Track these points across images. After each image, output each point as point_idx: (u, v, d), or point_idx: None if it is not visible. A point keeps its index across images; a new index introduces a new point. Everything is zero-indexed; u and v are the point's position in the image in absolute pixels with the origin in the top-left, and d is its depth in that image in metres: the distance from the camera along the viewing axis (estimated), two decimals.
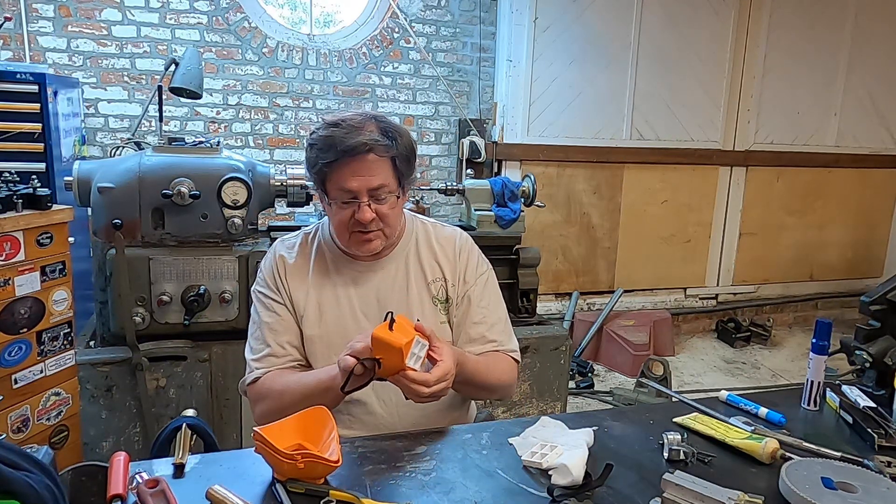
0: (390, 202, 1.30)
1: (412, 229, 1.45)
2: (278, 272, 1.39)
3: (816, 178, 4.76)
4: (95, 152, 3.43)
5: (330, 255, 1.41)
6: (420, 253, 1.43)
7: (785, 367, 4.11)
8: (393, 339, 1.10)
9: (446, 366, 1.16)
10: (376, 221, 1.30)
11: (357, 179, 1.26)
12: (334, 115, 1.32)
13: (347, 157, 1.25)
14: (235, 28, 3.60)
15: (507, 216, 2.71)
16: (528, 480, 1.09)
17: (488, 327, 1.43)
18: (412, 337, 1.13)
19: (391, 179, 1.29)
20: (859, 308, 1.59)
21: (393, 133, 1.29)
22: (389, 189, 1.29)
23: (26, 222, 1.70)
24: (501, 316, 1.47)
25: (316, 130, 1.30)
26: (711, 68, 4.32)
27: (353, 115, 1.30)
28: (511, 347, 1.45)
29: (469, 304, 1.42)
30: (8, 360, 1.70)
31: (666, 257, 4.52)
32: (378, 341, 1.11)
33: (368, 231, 1.31)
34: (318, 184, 1.32)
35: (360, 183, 1.26)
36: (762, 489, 1.06)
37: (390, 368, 1.13)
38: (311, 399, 1.20)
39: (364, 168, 1.26)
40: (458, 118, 4.07)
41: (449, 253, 1.44)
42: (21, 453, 0.83)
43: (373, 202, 1.28)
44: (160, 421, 2.16)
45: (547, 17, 3.93)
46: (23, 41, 3.27)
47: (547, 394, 2.67)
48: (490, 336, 1.43)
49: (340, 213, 1.30)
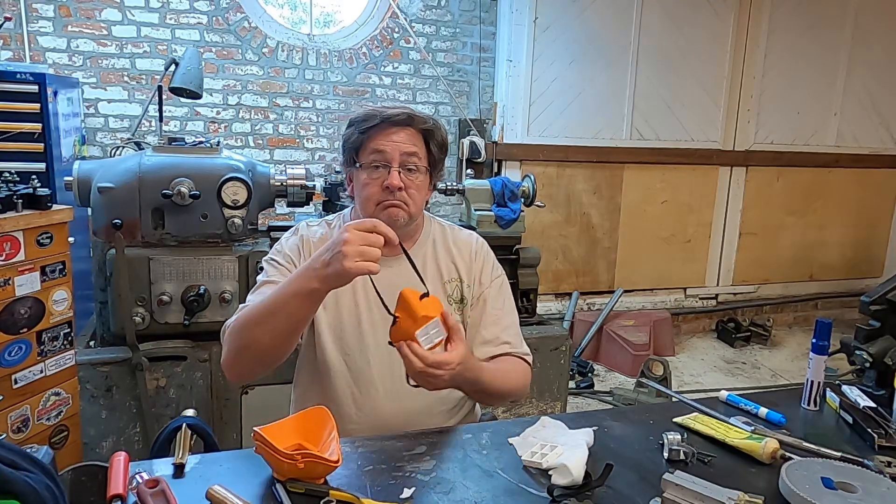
0: (418, 178, 1.34)
1: (429, 230, 1.47)
2: (299, 250, 1.39)
3: (816, 178, 4.77)
4: (95, 152, 3.44)
5: None
6: (437, 252, 1.45)
7: (785, 367, 4.11)
8: (416, 306, 1.11)
9: (450, 357, 1.15)
10: (403, 193, 1.32)
11: (392, 143, 1.32)
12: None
13: (387, 123, 1.32)
14: (235, 28, 3.60)
15: (507, 216, 2.71)
16: (528, 480, 1.08)
17: (502, 329, 1.44)
18: (434, 317, 1.13)
19: (423, 154, 1.35)
20: (859, 308, 1.59)
21: (431, 120, 1.38)
22: (420, 159, 1.34)
23: (26, 222, 1.70)
24: (514, 320, 1.48)
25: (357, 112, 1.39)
26: (711, 68, 4.32)
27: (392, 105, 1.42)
28: (524, 351, 1.46)
29: (484, 306, 1.44)
30: (8, 360, 1.70)
31: (666, 257, 4.52)
32: (403, 300, 1.12)
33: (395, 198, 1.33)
34: (352, 153, 1.36)
35: (394, 147, 1.32)
36: (762, 489, 1.06)
37: (400, 332, 1.12)
38: (281, 312, 1.16)
39: (401, 135, 1.33)
40: (458, 118, 4.07)
41: (465, 255, 1.46)
42: (21, 453, 0.83)
43: (402, 171, 1.32)
44: (160, 421, 2.16)
45: (547, 17, 3.93)
46: (23, 41, 3.27)
47: (547, 394, 2.67)
48: (504, 338, 1.43)
49: (370, 181, 1.33)
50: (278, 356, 1.25)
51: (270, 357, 1.24)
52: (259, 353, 1.23)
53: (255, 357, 1.24)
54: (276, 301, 1.18)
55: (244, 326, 1.23)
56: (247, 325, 1.22)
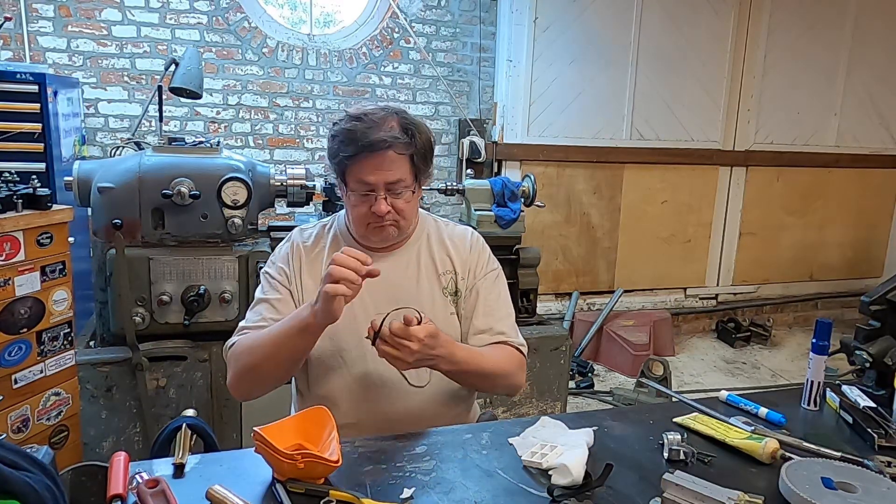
0: (406, 196, 1.35)
1: (424, 226, 1.49)
2: (291, 259, 1.43)
3: (816, 178, 4.77)
4: (95, 152, 3.43)
5: (344, 245, 1.42)
6: (432, 247, 1.46)
7: (785, 367, 4.11)
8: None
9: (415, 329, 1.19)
10: (392, 214, 1.35)
11: (375, 174, 1.31)
12: (357, 107, 1.36)
13: (367, 151, 1.29)
14: (235, 28, 3.60)
15: (507, 216, 2.70)
16: (528, 480, 1.09)
17: (497, 320, 1.44)
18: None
19: (408, 175, 1.34)
20: (859, 308, 1.60)
21: (412, 130, 1.33)
22: (406, 184, 1.34)
23: (26, 222, 1.70)
24: (510, 312, 1.49)
25: (339, 122, 1.34)
26: (711, 68, 4.32)
27: (376, 109, 1.34)
28: (520, 342, 1.46)
29: (478, 297, 1.45)
30: (8, 360, 1.70)
31: (666, 257, 4.52)
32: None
33: (384, 222, 1.35)
34: (339, 174, 1.37)
35: (377, 177, 1.31)
36: (762, 489, 1.06)
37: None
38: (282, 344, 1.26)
39: (383, 163, 1.30)
40: (458, 118, 4.07)
41: (460, 248, 1.47)
42: (21, 453, 0.83)
43: (389, 196, 1.33)
44: (160, 421, 2.16)
45: (547, 17, 3.93)
46: (23, 41, 3.27)
47: (547, 394, 2.67)
48: (498, 328, 1.43)
49: (359, 204, 1.35)
50: (281, 380, 1.36)
51: (274, 380, 1.34)
52: (262, 378, 1.32)
53: (257, 381, 1.33)
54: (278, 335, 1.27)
55: (247, 353, 1.31)
56: (249, 353, 1.31)
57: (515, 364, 1.43)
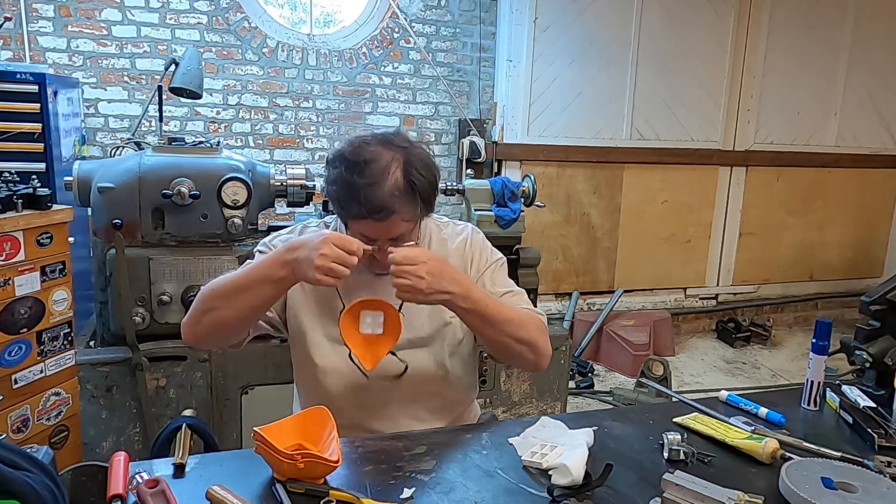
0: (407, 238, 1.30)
1: (426, 231, 1.46)
2: None
3: (816, 178, 4.76)
4: (95, 152, 3.43)
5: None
6: (432, 247, 1.44)
7: (785, 367, 4.11)
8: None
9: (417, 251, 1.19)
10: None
11: (378, 233, 1.26)
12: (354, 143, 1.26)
13: (370, 218, 1.22)
14: (235, 28, 3.60)
15: (507, 216, 2.70)
16: (528, 480, 1.09)
17: (511, 296, 1.40)
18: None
19: (412, 222, 1.29)
20: (859, 308, 1.60)
21: (419, 180, 1.24)
22: (408, 233, 1.29)
23: (26, 222, 1.70)
24: (521, 290, 1.44)
25: (336, 164, 1.25)
26: (711, 68, 4.32)
27: (376, 152, 1.23)
28: (540, 311, 1.41)
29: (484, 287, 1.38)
30: (8, 360, 1.70)
31: (666, 257, 4.52)
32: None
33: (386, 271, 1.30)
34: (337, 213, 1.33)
35: (381, 235, 1.26)
36: (762, 489, 1.06)
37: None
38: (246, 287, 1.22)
39: (387, 226, 1.25)
40: (458, 118, 4.07)
41: (459, 244, 1.45)
42: (21, 453, 0.83)
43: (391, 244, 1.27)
44: (160, 421, 2.16)
45: (547, 17, 3.93)
46: (23, 41, 3.26)
47: (547, 394, 2.67)
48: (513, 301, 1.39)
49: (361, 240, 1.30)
50: (235, 331, 1.30)
51: (227, 330, 1.29)
52: (218, 322, 1.26)
53: (212, 325, 1.27)
54: (245, 277, 1.23)
55: (212, 293, 1.27)
56: (215, 293, 1.26)
57: (538, 325, 1.35)
